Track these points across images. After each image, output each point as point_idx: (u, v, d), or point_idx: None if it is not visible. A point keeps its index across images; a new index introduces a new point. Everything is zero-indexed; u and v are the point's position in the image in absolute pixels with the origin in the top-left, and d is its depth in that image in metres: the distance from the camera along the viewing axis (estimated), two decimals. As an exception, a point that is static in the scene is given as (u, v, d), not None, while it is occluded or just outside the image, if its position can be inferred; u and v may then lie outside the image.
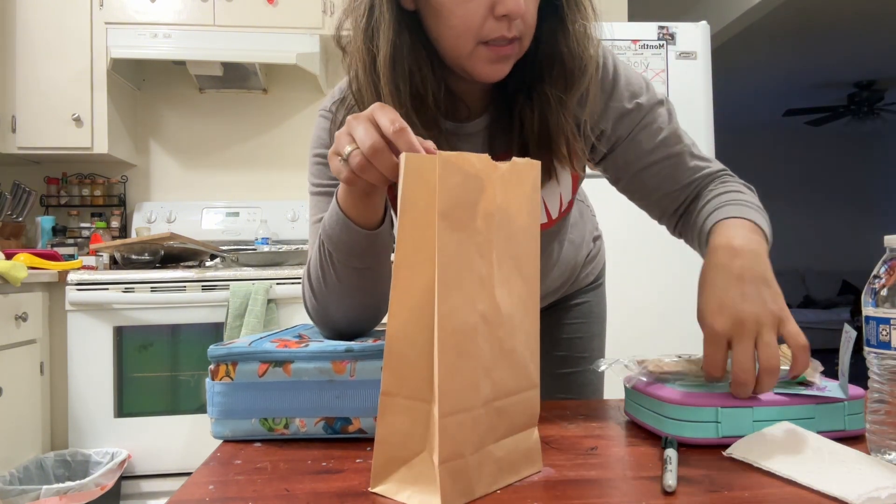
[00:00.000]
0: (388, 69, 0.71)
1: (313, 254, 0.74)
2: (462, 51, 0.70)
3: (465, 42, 0.69)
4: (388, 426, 0.50)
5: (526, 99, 0.76)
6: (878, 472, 0.50)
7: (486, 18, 0.67)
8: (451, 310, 0.47)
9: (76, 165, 2.90)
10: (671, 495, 0.49)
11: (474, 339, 0.49)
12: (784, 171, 7.65)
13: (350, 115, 0.60)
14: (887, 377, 0.55)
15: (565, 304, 1.09)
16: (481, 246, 0.50)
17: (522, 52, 0.72)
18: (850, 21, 4.66)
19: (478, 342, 0.49)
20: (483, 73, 0.71)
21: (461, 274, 0.48)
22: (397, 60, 0.71)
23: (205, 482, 0.53)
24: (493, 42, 0.68)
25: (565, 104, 0.74)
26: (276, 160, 3.06)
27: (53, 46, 2.58)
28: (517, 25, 0.68)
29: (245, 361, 0.63)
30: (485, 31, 0.68)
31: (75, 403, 2.18)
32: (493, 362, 0.51)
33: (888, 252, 0.56)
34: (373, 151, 0.56)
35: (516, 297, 0.54)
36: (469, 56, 0.70)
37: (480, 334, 0.50)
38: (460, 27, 0.68)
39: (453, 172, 0.48)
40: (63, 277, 2.19)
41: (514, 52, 0.71)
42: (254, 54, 2.65)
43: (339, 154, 0.59)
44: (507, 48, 0.69)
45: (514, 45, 0.70)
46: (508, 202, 0.53)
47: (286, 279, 2.27)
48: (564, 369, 1.07)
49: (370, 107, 0.58)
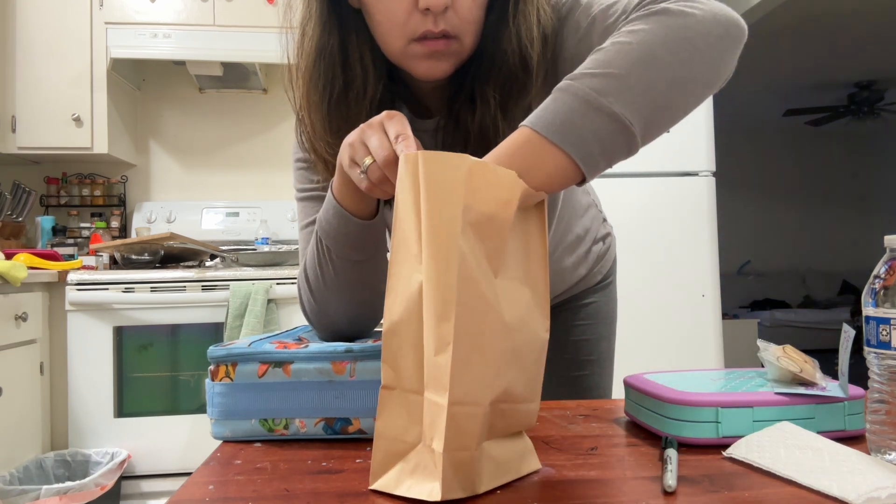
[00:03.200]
0: (310, 66, 0.71)
1: (309, 254, 0.74)
2: (395, 48, 0.69)
3: (395, 39, 0.68)
4: (386, 420, 0.50)
5: (466, 100, 0.74)
6: (878, 472, 0.50)
7: (411, 14, 0.66)
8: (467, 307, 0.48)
9: (76, 165, 2.90)
10: (671, 495, 0.49)
11: (490, 337, 0.49)
12: (784, 171, 7.65)
13: (364, 123, 0.61)
14: (887, 377, 0.55)
15: (573, 305, 1.05)
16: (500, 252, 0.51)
17: (464, 50, 0.70)
18: (850, 21, 4.66)
19: (493, 341, 0.50)
20: (420, 70, 0.70)
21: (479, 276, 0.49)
22: (322, 57, 0.71)
23: (205, 482, 0.53)
24: (422, 38, 0.67)
25: (507, 108, 0.71)
26: (276, 160, 3.06)
27: (53, 46, 2.58)
28: (447, 20, 0.66)
29: (245, 362, 0.63)
30: (411, 27, 0.67)
31: (75, 403, 2.18)
32: (506, 366, 0.51)
33: (888, 252, 0.56)
34: (387, 163, 0.58)
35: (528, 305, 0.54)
36: (403, 53, 0.69)
37: (497, 334, 0.50)
38: (386, 23, 0.68)
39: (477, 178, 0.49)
40: (63, 277, 2.19)
41: (449, 49, 0.68)
42: (254, 54, 2.65)
43: (357, 164, 0.60)
44: (438, 43, 0.67)
45: (450, 42, 0.68)
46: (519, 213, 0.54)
47: (286, 279, 2.27)
48: (572, 372, 1.04)
49: (380, 114, 0.60)
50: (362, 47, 0.72)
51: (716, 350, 2.61)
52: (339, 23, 0.72)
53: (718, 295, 2.65)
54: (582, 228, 1.00)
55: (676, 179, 2.69)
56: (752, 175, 7.49)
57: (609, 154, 0.55)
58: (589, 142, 0.54)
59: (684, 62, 0.56)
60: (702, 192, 2.69)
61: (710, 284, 2.63)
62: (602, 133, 0.54)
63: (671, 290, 2.61)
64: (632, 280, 2.49)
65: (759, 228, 7.56)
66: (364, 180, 0.60)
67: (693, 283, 2.61)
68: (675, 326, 2.60)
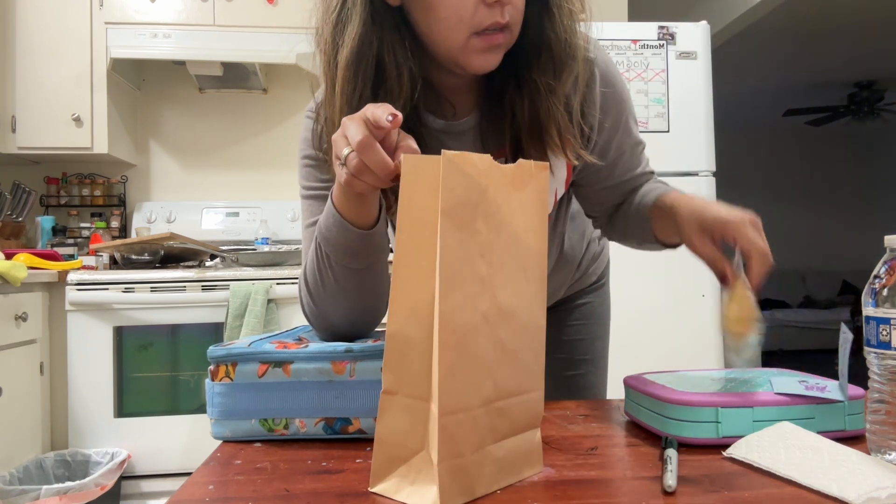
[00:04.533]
0: (349, 64, 0.70)
1: (309, 258, 0.73)
2: (455, 42, 0.69)
3: (458, 33, 0.68)
4: (387, 425, 0.50)
5: (515, 89, 0.75)
6: (878, 472, 0.50)
7: (477, 6, 0.66)
8: (451, 309, 0.47)
9: (76, 165, 2.90)
10: (671, 495, 0.49)
11: (476, 338, 0.49)
12: (784, 171, 7.65)
13: (346, 117, 0.59)
14: (887, 377, 0.55)
15: (567, 306, 1.07)
16: (483, 246, 0.50)
17: (513, 40, 0.72)
18: (850, 21, 4.66)
19: (479, 342, 0.49)
20: (475, 64, 0.70)
21: (462, 274, 0.48)
22: (362, 56, 0.70)
23: (205, 482, 0.53)
24: (485, 31, 0.67)
25: (555, 91, 0.74)
26: (276, 160, 3.05)
27: (53, 46, 2.58)
28: (508, 11, 0.68)
29: (245, 362, 0.63)
30: (477, 20, 0.67)
31: (75, 403, 2.18)
32: (495, 363, 0.51)
33: (888, 252, 0.56)
34: (361, 147, 0.56)
35: (520, 297, 0.53)
36: (462, 48, 0.69)
37: (482, 334, 0.50)
38: (452, 18, 0.67)
39: (456, 172, 0.48)
40: (63, 277, 2.19)
41: (505, 41, 0.70)
42: (254, 54, 2.65)
43: (338, 157, 0.59)
44: (499, 36, 0.68)
45: (506, 34, 0.69)
46: (512, 203, 0.53)
47: (286, 279, 2.26)
48: (567, 372, 1.05)
49: (365, 106, 0.58)
50: (396, 48, 0.71)
51: (716, 350, 2.61)
52: (378, 21, 0.71)
53: (718, 295, 2.65)
54: (578, 230, 1.01)
55: (676, 179, 2.68)
56: (752, 175, 7.49)
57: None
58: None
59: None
60: (702, 192, 2.68)
61: (710, 284, 2.62)
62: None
63: (671, 290, 2.60)
64: (632, 280, 2.49)
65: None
66: (343, 173, 0.59)
67: (693, 283, 2.61)
68: (674, 326, 2.60)
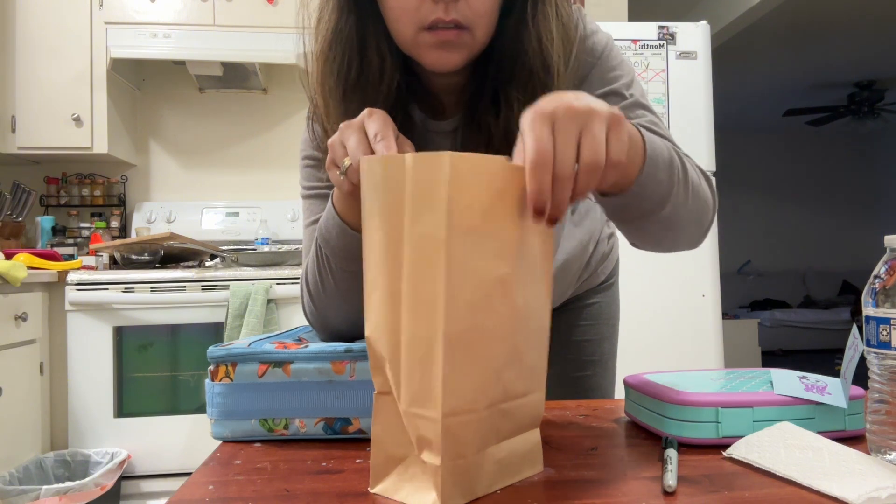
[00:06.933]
0: (324, 55, 0.71)
1: (310, 259, 0.73)
2: (405, 36, 0.69)
3: (406, 27, 0.68)
4: (382, 425, 0.50)
5: (490, 103, 0.73)
6: (878, 472, 0.50)
7: (422, 1, 0.66)
8: (459, 312, 0.46)
9: (76, 165, 2.90)
10: (671, 495, 0.49)
11: (487, 341, 0.48)
12: (784, 171, 7.65)
13: (343, 123, 0.59)
14: (887, 377, 0.55)
15: (576, 305, 1.05)
16: (495, 247, 0.49)
17: (476, 43, 0.69)
18: (850, 21, 4.66)
19: (491, 345, 0.49)
20: (429, 60, 0.69)
21: (470, 276, 0.47)
22: (335, 46, 0.70)
23: (205, 482, 0.53)
24: (434, 26, 0.66)
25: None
26: (276, 160, 3.06)
27: (53, 46, 2.58)
28: (458, 10, 0.66)
29: (244, 362, 0.63)
30: (422, 14, 0.66)
31: (75, 403, 2.18)
32: (505, 365, 0.50)
33: (888, 252, 0.56)
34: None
35: (531, 298, 0.53)
36: (414, 43, 0.69)
37: (495, 337, 0.49)
38: (397, 9, 0.67)
39: (464, 173, 0.46)
40: (63, 277, 2.19)
41: (459, 40, 0.67)
42: (254, 54, 2.65)
43: (337, 166, 0.59)
44: (448, 33, 0.66)
45: (461, 33, 0.67)
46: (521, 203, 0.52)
47: (286, 279, 2.26)
48: (574, 373, 1.04)
49: (361, 113, 0.59)
50: (378, 35, 0.71)
51: (716, 350, 2.61)
52: (356, 8, 0.71)
53: (718, 295, 2.65)
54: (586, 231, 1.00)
55: (676, 179, 2.68)
56: (752, 175, 7.49)
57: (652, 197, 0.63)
58: (660, 169, 0.63)
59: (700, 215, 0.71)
60: (702, 192, 2.68)
61: (710, 284, 2.62)
62: (665, 184, 0.64)
63: (672, 290, 2.60)
64: (632, 280, 2.49)
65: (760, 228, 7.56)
66: (344, 182, 0.59)
67: (693, 283, 2.61)
68: (675, 326, 2.60)
